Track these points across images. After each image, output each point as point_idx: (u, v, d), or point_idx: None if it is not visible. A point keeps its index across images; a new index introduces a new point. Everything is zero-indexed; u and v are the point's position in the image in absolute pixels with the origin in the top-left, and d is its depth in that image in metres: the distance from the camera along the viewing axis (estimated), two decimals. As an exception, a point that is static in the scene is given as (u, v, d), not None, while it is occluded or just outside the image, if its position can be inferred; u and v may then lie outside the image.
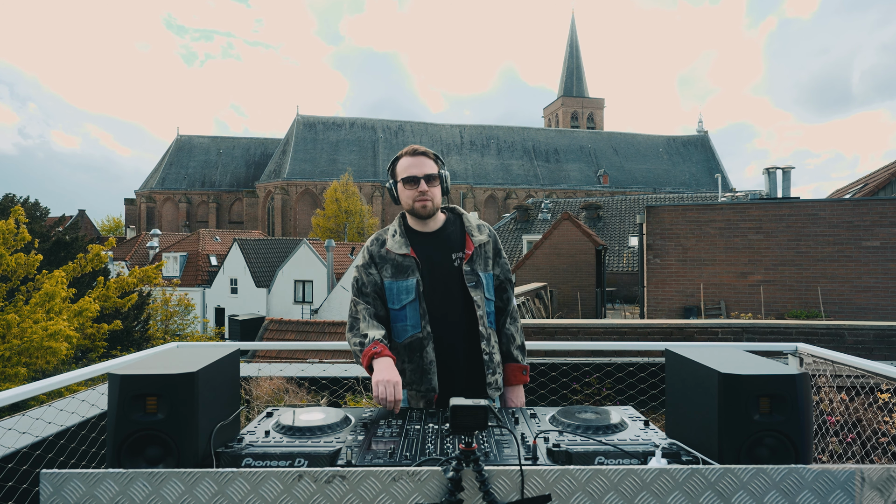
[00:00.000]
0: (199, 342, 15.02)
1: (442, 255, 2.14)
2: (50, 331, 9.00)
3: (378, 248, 2.16)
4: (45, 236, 18.97)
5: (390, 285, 2.12)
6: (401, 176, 2.13)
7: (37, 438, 2.71)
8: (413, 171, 2.10)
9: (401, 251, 2.11)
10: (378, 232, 2.22)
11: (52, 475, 1.13)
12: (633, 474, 1.17)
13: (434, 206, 2.13)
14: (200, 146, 76.94)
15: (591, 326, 6.09)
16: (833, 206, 11.59)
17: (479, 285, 2.12)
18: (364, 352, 1.98)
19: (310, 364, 5.16)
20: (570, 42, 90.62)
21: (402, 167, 2.13)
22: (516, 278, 17.63)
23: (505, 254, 2.31)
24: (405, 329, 2.10)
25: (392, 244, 2.13)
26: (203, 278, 36.24)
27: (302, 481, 1.15)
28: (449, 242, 2.17)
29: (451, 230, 2.20)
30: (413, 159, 2.12)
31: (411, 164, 2.11)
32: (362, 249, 2.22)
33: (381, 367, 1.90)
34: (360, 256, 2.21)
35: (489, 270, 2.19)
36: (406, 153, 2.15)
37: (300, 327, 14.14)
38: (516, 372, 2.19)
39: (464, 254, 2.13)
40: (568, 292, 17.56)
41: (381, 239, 2.18)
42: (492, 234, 2.26)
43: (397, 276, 2.11)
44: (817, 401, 3.73)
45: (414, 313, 2.09)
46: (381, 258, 2.14)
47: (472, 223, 2.22)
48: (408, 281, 2.09)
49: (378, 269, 2.15)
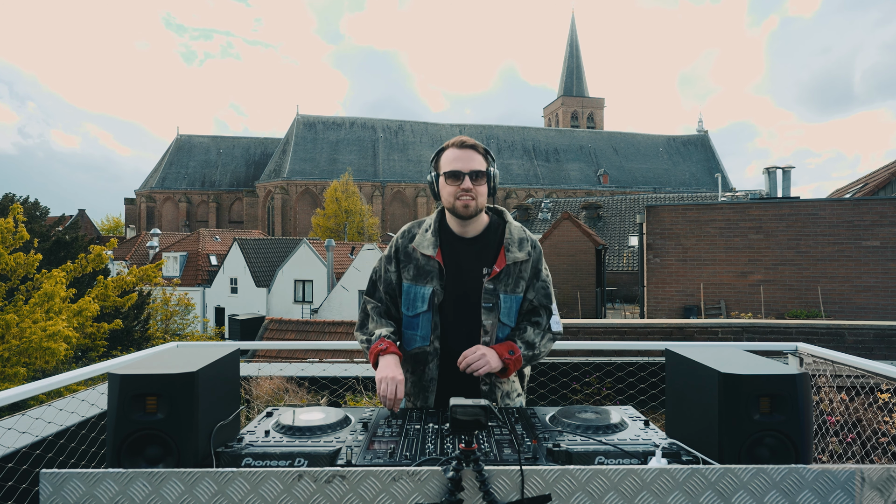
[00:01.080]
0: (199, 342, 15.02)
1: (472, 265, 1.93)
2: (49, 331, 9.00)
3: (406, 242, 1.99)
4: (44, 236, 18.98)
5: (409, 289, 1.95)
6: (444, 169, 1.92)
7: (37, 438, 2.71)
8: (458, 166, 1.89)
9: (426, 251, 1.92)
10: (412, 223, 2.03)
11: (52, 475, 1.13)
12: (634, 474, 1.17)
13: (478, 207, 1.91)
14: (200, 146, 76.93)
15: (591, 326, 6.09)
16: (833, 205, 11.59)
17: (494, 308, 1.90)
18: (371, 349, 1.90)
19: (310, 364, 5.16)
20: (570, 42, 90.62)
21: (447, 159, 1.92)
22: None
23: (548, 274, 2.03)
24: (414, 339, 1.96)
25: (420, 241, 1.95)
26: (203, 278, 36.23)
27: (302, 481, 1.14)
28: (484, 252, 1.95)
29: (491, 239, 1.97)
30: (460, 152, 1.91)
31: (457, 157, 1.90)
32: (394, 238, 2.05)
33: (385, 364, 1.83)
34: (389, 245, 2.06)
35: (518, 293, 1.95)
36: (453, 144, 1.94)
37: (300, 327, 14.15)
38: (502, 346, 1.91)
39: (492, 269, 1.92)
40: (568, 292, 17.56)
41: (413, 233, 2.00)
42: (535, 250, 1.99)
43: (417, 280, 1.94)
44: (817, 401, 3.73)
45: (426, 324, 1.93)
46: (405, 255, 1.97)
47: (513, 235, 1.97)
48: (425, 288, 1.92)
49: (399, 267, 1.98)
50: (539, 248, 2.03)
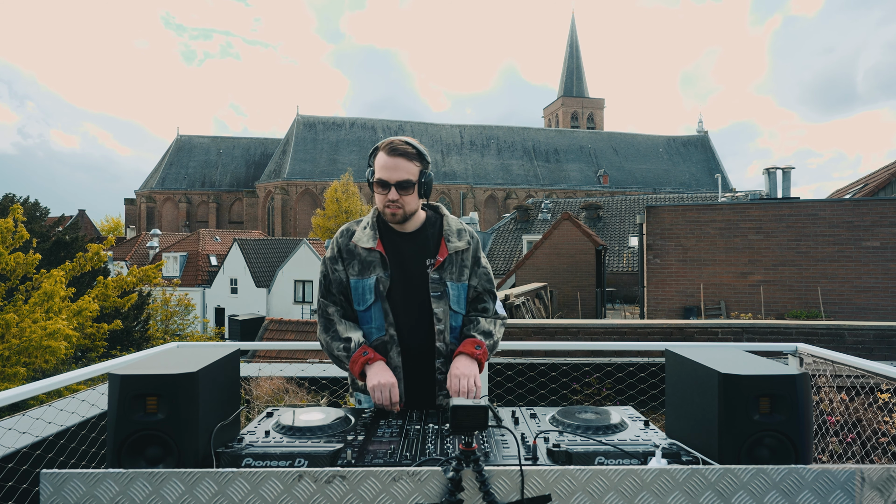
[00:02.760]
0: (199, 342, 15.00)
1: (414, 258, 1.98)
2: (49, 330, 9.00)
3: (346, 240, 1.99)
4: (44, 236, 18.99)
5: (356, 284, 1.96)
6: (375, 177, 1.93)
7: (37, 438, 2.70)
8: (385, 175, 1.89)
9: (367, 244, 1.94)
10: (349, 223, 2.05)
11: (52, 475, 1.13)
12: (634, 474, 1.17)
13: (405, 214, 1.94)
14: (200, 146, 76.93)
15: (591, 326, 6.09)
16: (833, 206, 11.59)
17: (444, 296, 1.95)
18: (353, 357, 1.88)
19: (310, 364, 5.16)
20: (570, 42, 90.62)
21: (378, 164, 1.92)
22: (516, 279, 17.63)
23: (487, 262, 2.11)
24: (371, 332, 1.97)
25: (360, 236, 1.97)
26: (203, 278, 36.23)
27: (302, 481, 1.14)
28: (424, 245, 1.99)
29: (430, 232, 2.02)
30: (389, 159, 1.89)
31: (385, 165, 1.89)
32: (332, 239, 2.06)
33: (375, 371, 1.84)
34: (329, 248, 2.06)
35: (463, 280, 2.00)
36: (384, 148, 1.92)
37: (300, 327, 14.12)
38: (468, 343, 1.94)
39: (435, 260, 1.96)
40: (568, 292, 17.56)
41: (351, 230, 2.01)
42: (473, 240, 2.05)
43: (362, 274, 1.95)
44: (817, 401, 3.73)
45: (378, 314, 1.95)
46: (348, 252, 1.98)
47: (451, 227, 2.03)
48: (369, 279, 1.94)
49: (345, 265, 1.99)
50: (477, 239, 2.09)
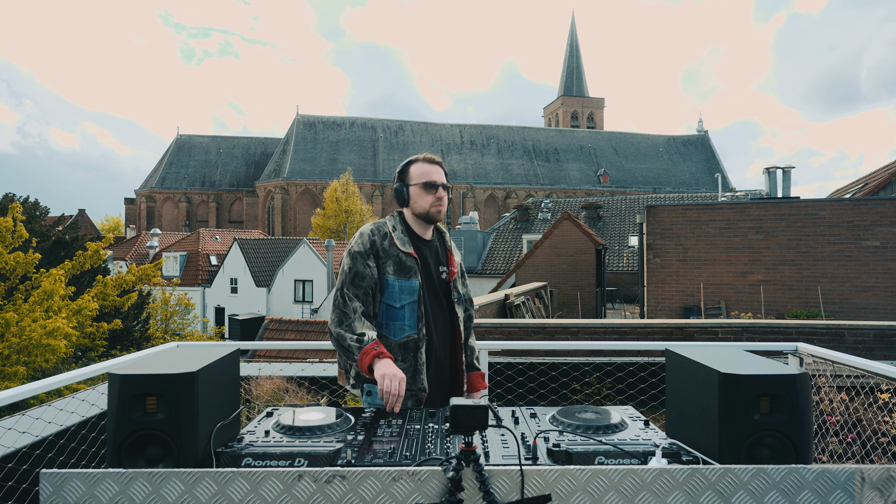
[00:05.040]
0: (199, 342, 15.02)
1: (434, 264, 2.24)
2: (48, 328, 9.00)
3: (381, 239, 2.14)
4: (44, 236, 18.99)
5: (393, 282, 2.12)
6: (420, 180, 2.19)
7: (37, 438, 2.71)
8: (435, 178, 2.19)
9: (405, 249, 2.14)
10: (377, 223, 2.19)
11: (52, 475, 1.13)
12: (634, 474, 1.17)
13: (444, 214, 2.22)
14: (200, 145, 76.91)
15: (591, 326, 6.09)
16: (833, 205, 11.59)
17: (460, 301, 2.29)
18: (365, 349, 1.95)
19: (310, 364, 5.16)
20: (571, 42, 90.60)
21: (421, 171, 2.20)
22: (516, 278, 17.67)
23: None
24: (402, 328, 2.12)
25: (397, 240, 2.15)
26: (203, 278, 36.22)
27: (302, 481, 1.14)
28: (438, 254, 2.28)
29: (439, 243, 2.32)
30: (432, 167, 2.22)
31: (431, 171, 2.20)
32: (359, 236, 2.14)
33: (385, 364, 1.92)
34: (356, 243, 2.14)
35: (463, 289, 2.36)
36: (425, 160, 2.23)
37: (300, 327, 14.12)
38: (479, 378, 2.35)
39: (450, 271, 2.27)
40: (568, 292, 17.56)
41: (383, 231, 2.16)
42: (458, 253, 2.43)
43: (400, 275, 2.12)
44: (817, 401, 3.73)
45: (412, 314, 2.13)
46: (384, 251, 2.13)
47: (451, 243, 2.36)
48: (411, 281, 2.13)
49: (378, 262, 2.12)
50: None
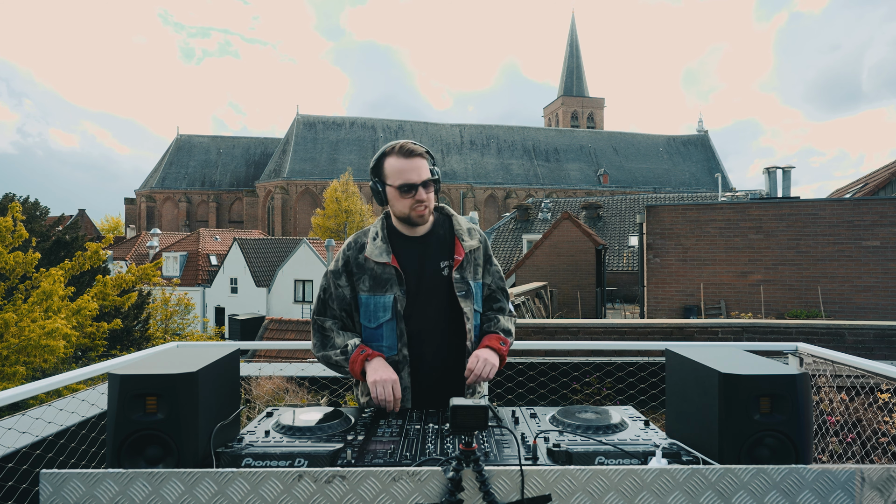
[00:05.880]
0: (199, 342, 15.02)
1: (429, 262, 1.95)
2: (47, 329, 9.00)
3: (356, 253, 1.93)
4: (44, 236, 19.00)
5: (367, 300, 1.91)
6: (395, 182, 1.88)
7: (37, 438, 2.70)
8: (410, 178, 1.87)
9: (380, 259, 1.89)
10: (357, 234, 1.99)
11: (52, 475, 1.13)
12: (634, 474, 1.17)
13: (430, 212, 1.94)
14: (200, 145, 76.93)
15: (591, 326, 6.09)
16: (833, 205, 11.59)
17: (469, 295, 1.93)
18: (351, 359, 1.84)
19: (310, 364, 5.16)
20: (571, 42, 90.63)
21: (394, 169, 1.88)
22: (516, 278, 17.62)
23: (496, 260, 2.11)
24: (380, 349, 1.90)
25: (371, 250, 1.91)
26: (203, 278, 36.23)
27: (302, 481, 1.14)
28: (437, 248, 1.97)
29: (441, 233, 1.99)
30: (407, 162, 1.87)
31: (406, 168, 1.87)
32: (339, 252, 1.99)
33: (375, 366, 1.81)
34: (333, 260, 2.00)
35: (479, 279, 2.00)
36: (396, 152, 1.89)
37: (300, 327, 14.12)
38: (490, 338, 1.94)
39: (453, 260, 1.94)
40: (568, 292, 17.56)
41: (360, 242, 1.95)
42: (483, 238, 2.04)
43: (375, 290, 1.90)
44: (817, 401, 3.73)
45: (391, 333, 1.89)
46: (358, 266, 1.92)
47: (462, 226, 2.01)
48: (385, 297, 1.89)
49: (352, 280, 1.93)
50: (485, 237, 2.07)
